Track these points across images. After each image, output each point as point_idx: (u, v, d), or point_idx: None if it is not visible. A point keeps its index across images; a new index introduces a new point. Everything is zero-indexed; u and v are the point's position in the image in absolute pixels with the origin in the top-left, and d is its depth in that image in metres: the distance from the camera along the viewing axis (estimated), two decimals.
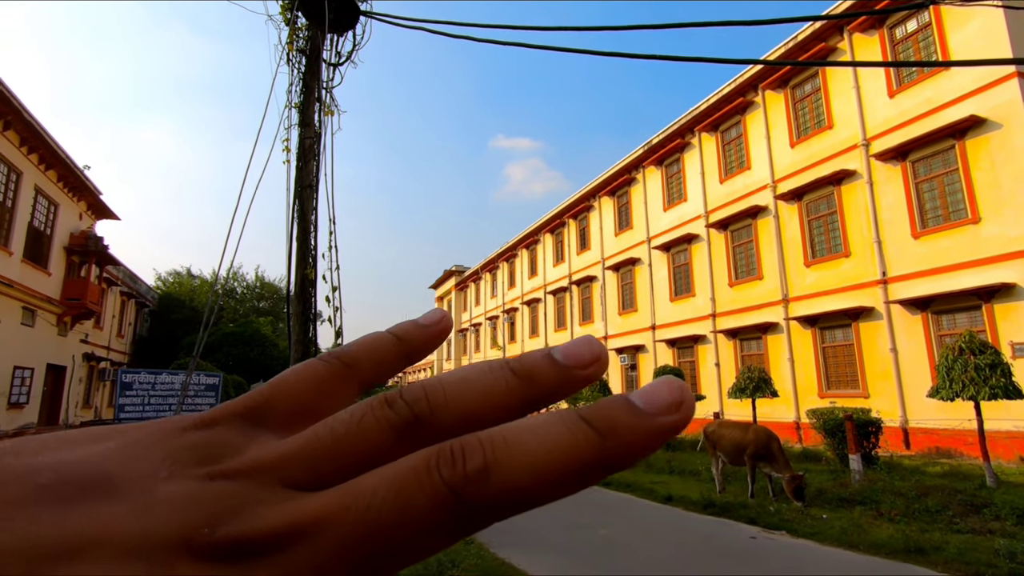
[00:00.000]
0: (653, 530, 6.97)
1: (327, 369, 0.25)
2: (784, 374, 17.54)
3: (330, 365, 0.25)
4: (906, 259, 14.54)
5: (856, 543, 5.93)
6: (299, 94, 5.53)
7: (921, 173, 14.47)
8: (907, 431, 14.07)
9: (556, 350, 0.23)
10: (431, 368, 58.25)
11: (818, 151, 17.26)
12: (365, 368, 0.25)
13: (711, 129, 21.64)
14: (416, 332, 0.28)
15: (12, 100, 17.19)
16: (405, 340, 0.27)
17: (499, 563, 5.39)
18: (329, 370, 0.25)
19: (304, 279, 5.16)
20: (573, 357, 0.22)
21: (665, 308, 23.57)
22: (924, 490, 7.55)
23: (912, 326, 14.23)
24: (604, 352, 0.23)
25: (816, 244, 17.26)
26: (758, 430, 8.54)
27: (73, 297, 22.82)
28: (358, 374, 0.25)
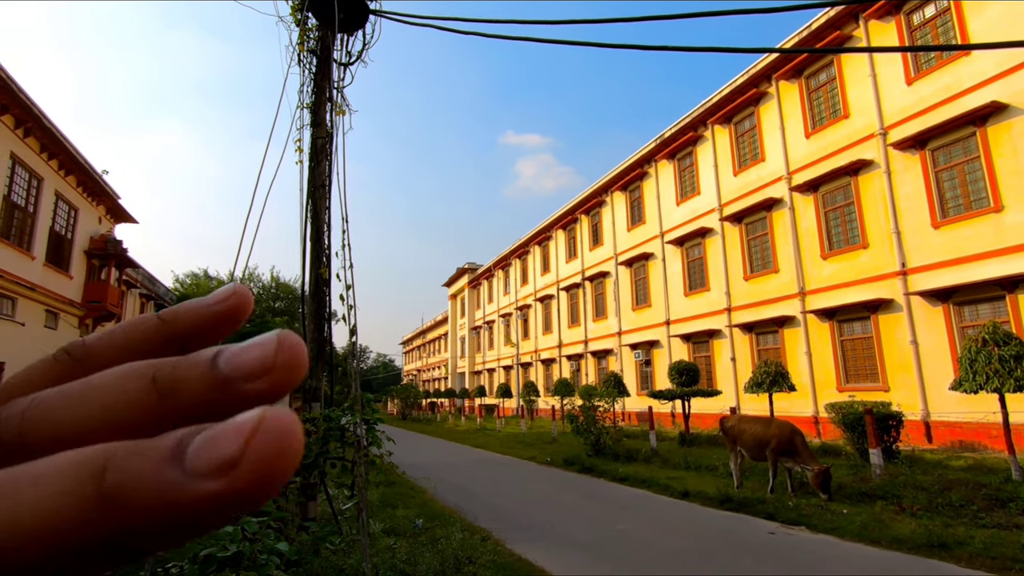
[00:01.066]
0: (670, 526, 6.93)
1: (53, 366, 0.21)
2: (801, 368, 17.33)
3: (57, 360, 0.21)
4: (926, 250, 14.27)
5: (878, 538, 5.84)
6: (310, 95, 5.56)
7: (941, 162, 14.18)
8: (929, 425, 13.83)
9: (224, 354, 0.18)
10: (445, 366, 58.46)
11: (834, 141, 16.99)
12: (103, 360, 0.21)
13: (724, 121, 21.40)
14: (188, 314, 0.23)
15: (32, 108, 17.52)
16: (170, 323, 0.23)
17: (515, 559, 5.39)
18: (56, 366, 0.21)
19: (318, 278, 5.19)
20: (240, 366, 0.17)
21: (679, 303, 23.40)
22: (947, 484, 7.41)
23: (933, 318, 13.97)
24: (292, 357, 0.18)
25: (833, 236, 17.00)
26: (781, 424, 8.44)
27: (94, 299, 23.26)
28: (91, 367, 0.21)
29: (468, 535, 5.77)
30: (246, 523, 1.82)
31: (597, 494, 9.21)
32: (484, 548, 5.28)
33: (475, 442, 19.50)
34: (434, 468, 12.97)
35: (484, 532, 6.46)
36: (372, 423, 3.34)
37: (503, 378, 42.06)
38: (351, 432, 3.22)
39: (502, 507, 8.28)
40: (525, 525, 7.12)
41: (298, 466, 0.13)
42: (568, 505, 8.35)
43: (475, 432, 24.49)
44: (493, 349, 45.49)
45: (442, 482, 10.70)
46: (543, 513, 7.82)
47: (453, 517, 7.22)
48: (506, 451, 16.20)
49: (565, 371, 32.50)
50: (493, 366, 44.79)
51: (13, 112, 17.30)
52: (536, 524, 7.16)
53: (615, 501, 8.56)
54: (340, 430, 3.20)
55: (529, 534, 6.64)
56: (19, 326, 18.26)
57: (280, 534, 2.12)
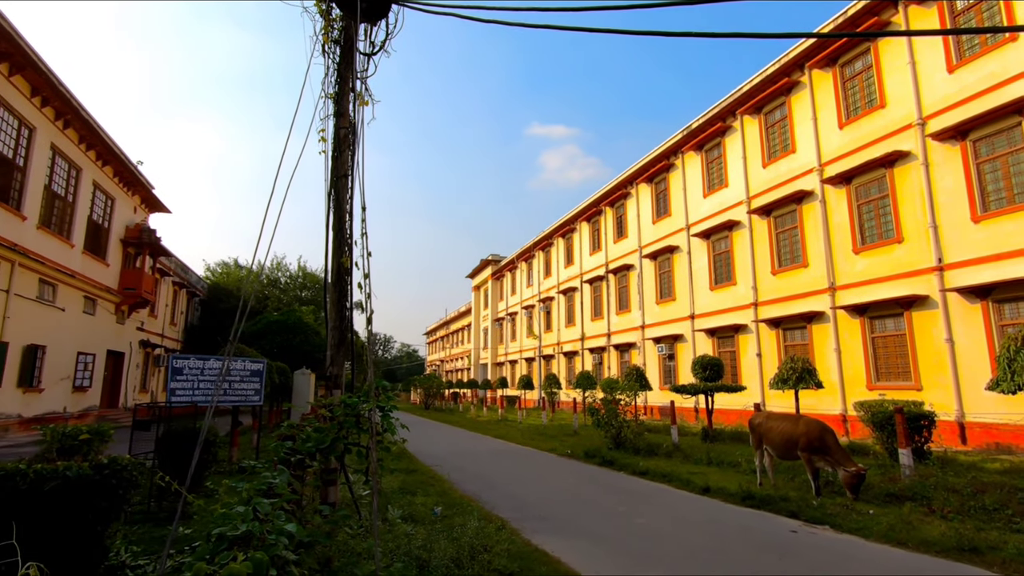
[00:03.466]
0: (690, 520, 6.86)
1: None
2: (830, 365, 16.94)
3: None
4: (965, 244, 13.74)
5: (905, 540, 5.68)
6: (334, 85, 5.60)
7: (983, 153, 13.60)
8: (963, 426, 13.39)
9: None
10: (468, 357, 58.82)
11: (869, 132, 16.45)
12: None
13: (754, 112, 20.90)
14: None
15: (71, 100, 18.08)
16: None
17: (532, 549, 5.41)
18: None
19: (340, 267, 5.25)
20: None
21: (705, 297, 23.06)
22: (981, 487, 7.16)
23: (971, 315, 13.47)
24: None
25: (866, 230, 16.50)
26: (809, 422, 8.24)
27: (129, 287, 24.02)
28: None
29: (485, 524, 5.81)
30: (258, 503, 1.86)
31: (617, 487, 9.18)
32: (499, 537, 5.31)
33: (496, 433, 19.61)
34: (455, 457, 13.10)
35: (501, 521, 6.50)
36: (387, 410, 3.36)
37: (525, 370, 42.14)
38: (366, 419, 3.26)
39: (521, 497, 8.32)
40: (543, 516, 7.13)
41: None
42: (587, 497, 8.33)
43: (496, 423, 24.63)
44: (516, 341, 45.58)
45: (462, 471, 10.80)
46: (562, 505, 7.82)
47: (471, 506, 7.28)
48: (527, 442, 16.25)
49: (587, 364, 32.38)
50: (515, 358, 44.90)
51: (54, 104, 17.88)
52: (554, 515, 7.17)
53: (635, 495, 8.51)
54: (356, 416, 3.24)
55: (547, 525, 6.65)
56: (59, 311, 18.97)
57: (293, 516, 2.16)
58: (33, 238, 17.41)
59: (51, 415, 18.27)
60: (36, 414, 17.66)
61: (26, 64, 15.96)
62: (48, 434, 5.57)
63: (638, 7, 4.86)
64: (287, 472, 2.43)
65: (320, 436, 2.98)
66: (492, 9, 4.71)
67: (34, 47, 15.78)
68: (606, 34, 6.05)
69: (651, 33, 4.59)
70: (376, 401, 3.19)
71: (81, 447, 5.40)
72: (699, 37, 4.55)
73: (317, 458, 3.02)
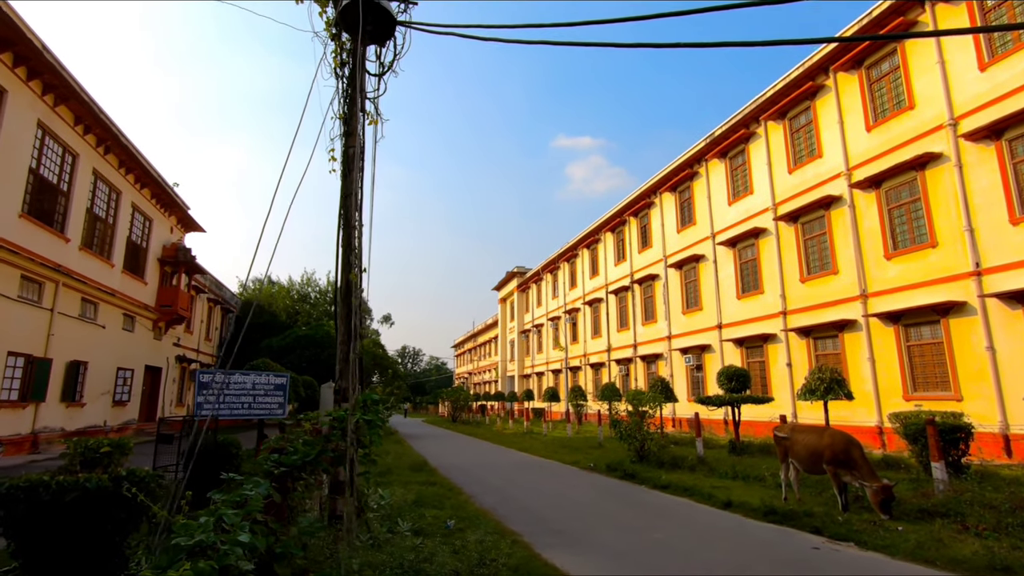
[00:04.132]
0: (709, 536, 6.70)
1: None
2: (864, 375, 16.37)
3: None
4: (1004, 248, 13.18)
5: (933, 558, 5.43)
6: (342, 105, 5.77)
7: (1020, 152, 13.08)
8: (1008, 438, 12.75)
9: None
10: (495, 369, 58.82)
11: (898, 134, 15.99)
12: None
13: (778, 117, 20.57)
14: None
15: (111, 126, 19.00)
16: None
17: (541, 563, 5.36)
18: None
19: (348, 282, 5.37)
20: None
21: (732, 306, 22.62)
22: (1020, 503, 6.79)
23: (1013, 322, 12.88)
24: None
25: (898, 234, 15.99)
26: (835, 434, 7.98)
27: (166, 304, 24.91)
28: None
29: (496, 537, 5.79)
30: (224, 514, 1.92)
31: (637, 501, 9.03)
32: (508, 551, 5.28)
33: (520, 445, 19.52)
34: (476, 470, 13.10)
35: (513, 535, 6.47)
36: (375, 424, 3.41)
37: (552, 382, 41.92)
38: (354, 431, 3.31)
39: (537, 511, 8.26)
40: (559, 530, 7.07)
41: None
42: (606, 511, 8.22)
43: (522, 436, 24.52)
44: (542, 353, 45.43)
45: (481, 484, 10.79)
46: (579, 519, 7.73)
47: (486, 519, 7.26)
48: (550, 455, 16.13)
49: (614, 375, 32.03)
50: (542, 370, 44.71)
51: (95, 132, 18.82)
52: (570, 529, 7.09)
53: (655, 509, 8.36)
54: (343, 430, 3.30)
55: (562, 539, 6.58)
56: (100, 328, 19.80)
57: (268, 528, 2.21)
58: (76, 259, 18.27)
59: (92, 428, 19.00)
60: (78, 427, 18.40)
61: (70, 95, 16.88)
62: (72, 447, 5.82)
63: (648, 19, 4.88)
64: (265, 484, 2.49)
65: (306, 449, 3.04)
66: (491, 27, 4.80)
67: (76, 78, 16.69)
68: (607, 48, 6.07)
69: (652, 45, 4.61)
70: (362, 414, 3.25)
71: (102, 459, 5.62)
72: (711, 48, 4.54)
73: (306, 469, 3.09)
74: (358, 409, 3.22)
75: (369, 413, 3.31)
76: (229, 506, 2.08)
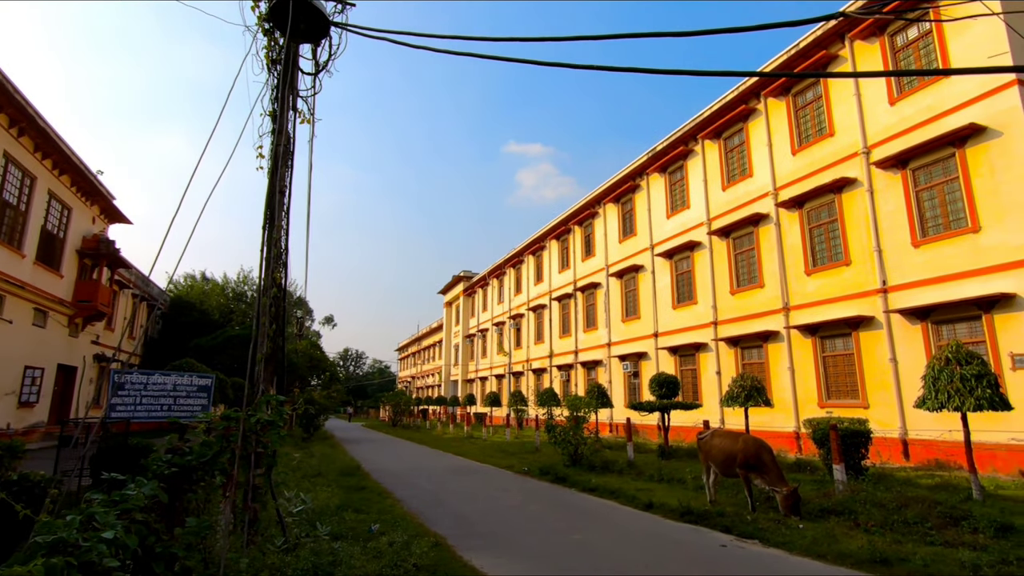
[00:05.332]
0: (627, 536, 6.96)
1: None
2: (784, 383, 17.37)
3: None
4: (906, 268, 14.36)
5: (825, 553, 5.87)
6: (271, 103, 5.68)
7: (921, 181, 14.31)
8: (906, 442, 13.85)
9: None
10: (439, 374, 58.37)
11: (819, 158, 17.15)
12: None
13: (714, 136, 21.59)
14: None
15: (27, 107, 17.70)
16: None
17: (460, 565, 5.43)
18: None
19: (273, 282, 5.28)
20: None
21: (667, 315, 23.47)
22: (905, 501, 7.43)
23: (912, 336, 14.04)
24: None
25: (817, 252, 17.11)
26: (747, 439, 8.46)
27: (84, 299, 23.32)
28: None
29: (417, 539, 5.81)
30: (94, 512, 1.89)
31: (564, 504, 9.24)
32: (429, 553, 5.32)
33: (458, 450, 19.49)
34: (410, 475, 12.99)
35: (437, 538, 6.50)
36: (276, 424, 3.39)
37: (495, 387, 42.03)
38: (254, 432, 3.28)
39: (465, 514, 8.31)
40: (483, 533, 7.15)
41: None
42: (532, 514, 8.37)
43: (461, 440, 24.47)
44: (486, 358, 45.48)
45: (413, 488, 10.73)
46: (505, 521, 7.85)
47: (413, 523, 7.26)
48: (486, 459, 16.21)
49: (555, 381, 32.50)
50: (486, 375, 44.76)
51: (7, 112, 17.48)
52: (495, 532, 7.19)
53: (580, 511, 8.59)
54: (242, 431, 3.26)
55: (485, 541, 6.67)
56: (6, 323, 18.32)
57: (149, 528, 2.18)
58: None
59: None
60: None
61: None
62: None
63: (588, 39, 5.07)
64: (151, 484, 2.44)
65: (202, 450, 2.99)
66: (423, 35, 4.87)
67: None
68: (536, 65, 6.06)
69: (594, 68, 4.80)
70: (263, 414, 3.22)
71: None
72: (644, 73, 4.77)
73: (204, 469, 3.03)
74: (259, 409, 3.18)
75: (271, 414, 3.27)
76: (103, 505, 2.03)
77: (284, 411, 3.50)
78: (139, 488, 2.31)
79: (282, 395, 4.83)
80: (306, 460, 13.28)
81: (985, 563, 5.12)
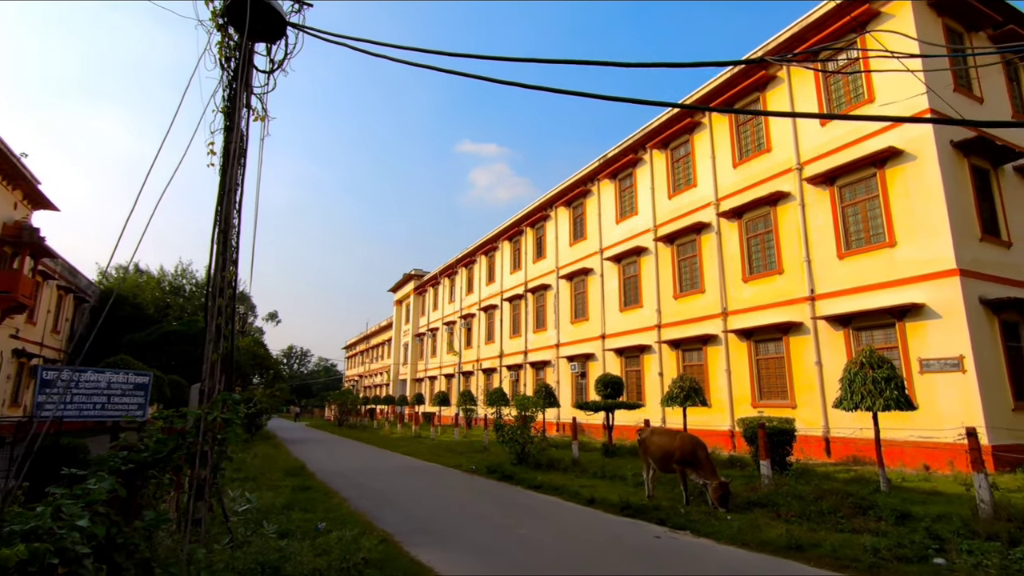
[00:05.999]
0: (568, 530, 7.28)
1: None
2: (722, 384, 18.30)
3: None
4: (832, 278, 15.46)
5: (748, 541, 6.37)
6: (225, 99, 5.64)
7: (847, 198, 15.44)
8: (829, 440, 14.91)
9: None
10: (387, 372, 57.65)
11: (757, 172, 18.17)
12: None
13: (662, 146, 22.44)
14: None
15: None
16: None
17: (407, 560, 5.57)
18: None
19: (223, 280, 5.25)
20: None
21: (615, 318, 24.19)
22: (821, 494, 8.11)
23: (835, 341, 15.12)
24: None
25: (753, 261, 18.12)
26: (684, 437, 8.96)
27: (3, 290, 21.81)
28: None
29: (363, 536, 5.91)
30: (61, 504, 1.95)
31: (510, 501, 9.49)
32: (376, 549, 5.43)
33: (406, 450, 19.45)
34: (356, 475, 12.93)
35: (386, 535, 6.61)
36: (231, 421, 3.46)
37: (445, 386, 41.97)
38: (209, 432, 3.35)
39: (412, 512, 8.43)
40: (430, 529, 7.31)
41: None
42: (478, 511, 8.58)
43: (409, 440, 24.39)
44: (436, 357, 45.33)
45: (360, 488, 10.73)
46: (450, 519, 8.02)
47: (359, 521, 7.32)
48: (434, 459, 16.28)
49: (505, 381, 32.81)
50: (435, 374, 44.61)
51: None
52: (440, 529, 7.35)
53: (525, 507, 8.86)
54: (197, 428, 3.32)
55: (432, 537, 6.83)
56: None
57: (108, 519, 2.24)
58: None
59: None
60: None
61: None
62: None
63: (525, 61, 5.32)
64: (110, 479, 2.49)
65: (158, 447, 3.04)
66: (381, 44, 4.99)
67: None
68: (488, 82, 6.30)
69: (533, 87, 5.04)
70: (220, 412, 3.29)
71: None
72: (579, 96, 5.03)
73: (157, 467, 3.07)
74: (216, 407, 3.24)
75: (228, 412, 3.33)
76: (68, 498, 2.08)
77: (240, 409, 3.55)
78: (99, 483, 2.36)
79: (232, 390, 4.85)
80: (248, 461, 12.98)
81: (883, 546, 5.72)
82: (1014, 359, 13.29)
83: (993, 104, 15.55)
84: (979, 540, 5.81)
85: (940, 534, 6.05)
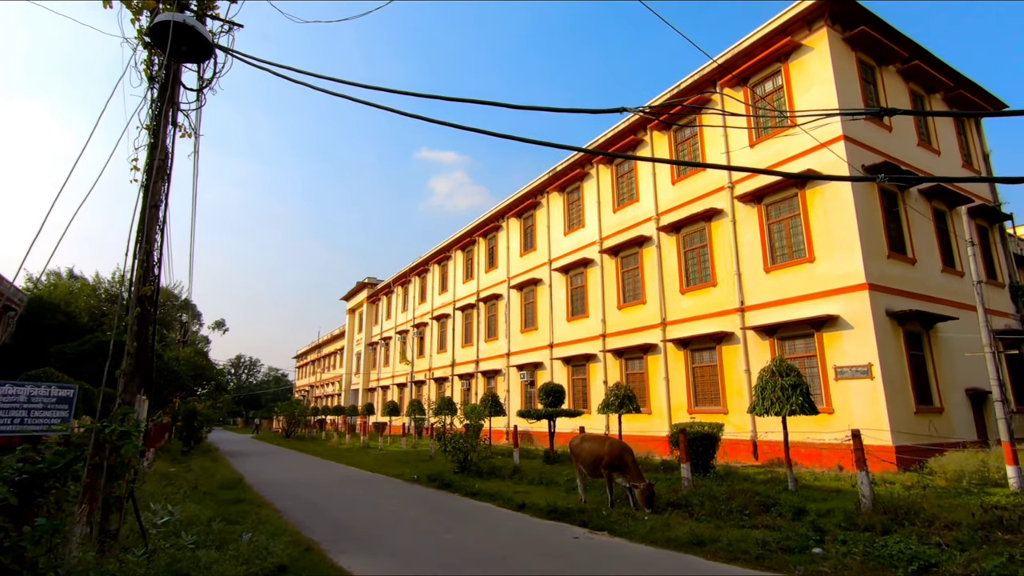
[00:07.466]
0: (495, 533, 7.57)
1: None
2: (661, 392, 19.04)
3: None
4: (759, 290, 16.42)
5: (657, 539, 6.82)
6: (149, 116, 5.74)
7: (772, 215, 16.47)
8: (756, 444, 15.78)
9: None
10: (339, 382, 56.65)
11: (694, 190, 19.11)
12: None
13: (608, 162, 23.24)
14: None
15: None
16: None
17: (329, 566, 5.74)
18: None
19: (143, 297, 5.33)
20: None
21: (562, 327, 24.76)
22: (733, 494, 8.70)
23: (762, 349, 16.04)
24: None
25: (690, 273, 19.00)
26: (613, 443, 9.42)
27: None
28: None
29: (291, 547, 6.04)
30: None
31: (445, 508, 9.72)
32: (299, 557, 5.59)
33: (351, 460, 19.34)
34: (295, 487, 12.86)
35: (312, 543, 6.74)
36: (130, 434, 3.60)
37: (397, 396, 41.64)
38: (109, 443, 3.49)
39: (345, 521, 8.55)
40: (359, 537, 7.46)
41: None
42: (411, 518, 8.77)
43: (357, 451, 24.18)
44: (389, 366, 44.94)
45: (296, 499, 10.73)
46: (381, 526, 8.19)
47: (288, 532, 7.40)
48: (379, 469, 16.30)
49: (457, 390, 32.91)
50: (388, 383, 44.21)
51: None
52: (369, 536, 7.52)
53: (457, 514, 9.11)
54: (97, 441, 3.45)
55: (359, 544, 6.99)
56: None
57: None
58: None
59: None
60: None
61: None
62: None
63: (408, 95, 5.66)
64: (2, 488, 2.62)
65: (55, 459, 3.16)
66: (304, 73, 5.23)
67: None
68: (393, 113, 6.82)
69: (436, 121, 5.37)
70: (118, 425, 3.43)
71: None
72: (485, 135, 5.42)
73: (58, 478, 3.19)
74: (115, 421, 3.37)
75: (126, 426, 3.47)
76: None
77: (141, 424, 3.67)
78: None
79: (158, 407, 4.93)
80: (182, 474, 12.72)
81: (772, 539, 6.28)
82: (917, 367, 14.48)
83: (901, 132, 16.96)
84: (856, 531, 6.45)
85: (824, 527, 6.67)
